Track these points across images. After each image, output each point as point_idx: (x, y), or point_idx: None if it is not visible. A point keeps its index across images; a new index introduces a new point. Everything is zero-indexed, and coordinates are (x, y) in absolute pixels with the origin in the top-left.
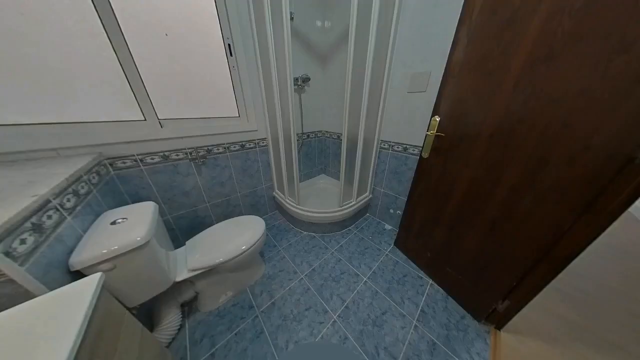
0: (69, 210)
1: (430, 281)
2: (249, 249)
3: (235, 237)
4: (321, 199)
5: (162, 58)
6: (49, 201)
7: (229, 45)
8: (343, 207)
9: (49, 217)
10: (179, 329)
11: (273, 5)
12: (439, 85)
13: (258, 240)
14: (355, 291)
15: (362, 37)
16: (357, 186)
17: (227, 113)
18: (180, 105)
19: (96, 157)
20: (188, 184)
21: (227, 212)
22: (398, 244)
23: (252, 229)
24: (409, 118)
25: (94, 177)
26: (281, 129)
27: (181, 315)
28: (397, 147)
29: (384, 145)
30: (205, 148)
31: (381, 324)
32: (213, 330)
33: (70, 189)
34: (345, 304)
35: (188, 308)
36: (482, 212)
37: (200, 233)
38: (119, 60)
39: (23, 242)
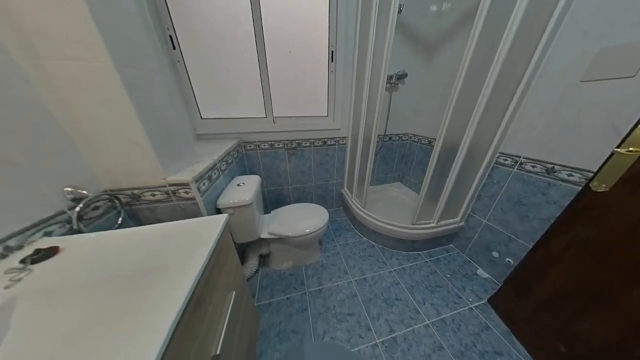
0: (222, 171)
1: None
2: (311, 233)
3: (304, 219)
4: (391, 209)
5: (282, 70)
6: (215, 164)
7: (332, 52)
8: (416, 226)
9: (214, 173)
10: (255, 272)
11: (382, 0)
12: None
13: (320, 228)
14: (411, 329)
15: (502, 2)
16: (442, 206)
17: (318, 113)
18: (285, 105)
19: (238, 141)
20: (280, 168)
21: (302, 196)
22: (496, 304)
23: (318, 217)
24: (571, 122)
25: (235, 153)
26: (362, 128)
27: (258, 263)
28: (533, 166)
29: (505, 159)
30: (297, 141)
31: None
32: (274, 285)
33: (224, 159)
34: (394, 335)
35: (263, 260)
36: None
37: (282, 207)
38: (260, 76)
39: (204, 184)
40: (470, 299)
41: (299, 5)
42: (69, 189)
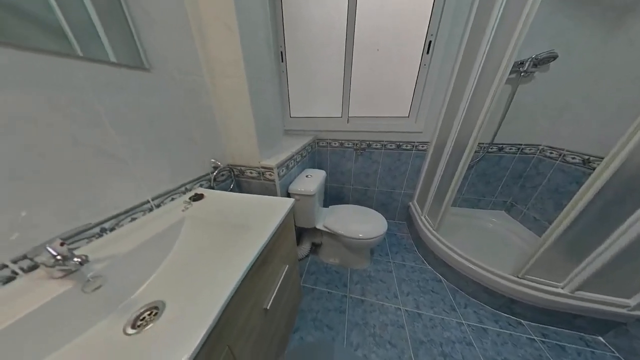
0: (297, 162)
1: None
2: (364, 239)
3: (359, 223)
4: (480, 243)
5: (366, 69)
6: (293, 155)
7: (429, 43)
8: (523, 281)
9: (291, 162)
10: (306, 256)
11: None
12: None
13: (374, 237)
14: None
15: None
16: (592, 269)
17: (397, 113)
18: (363, 105)
19: (313, 137)
20: (346, 167)
21: (362, 199)
22: None
23: (375, 225)
24: None
25: (309, 148)
26: (455, 133)
27: (309, 249)
28: None
29: None
30: (367, 142)
31: None
32: (319, 275)
33: (300, 152)
34: None
35: (314, 248)
36: None
37: (340, 205)
38: (343, 77)
39: (282, 171)
40: None
41: None
42: (213, 160)
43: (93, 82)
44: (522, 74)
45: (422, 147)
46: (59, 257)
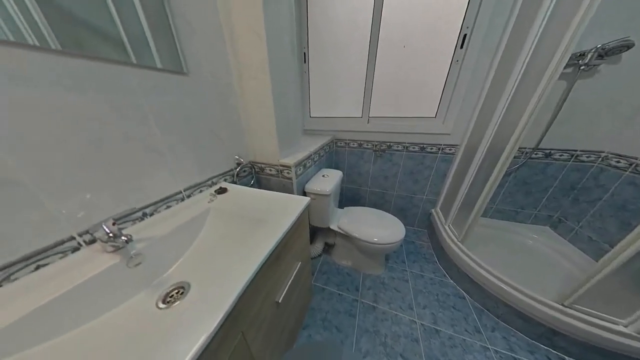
0: (314, 162)
1: None
2: (379, 244)
3: (375, 227)
4: (513, 260)
5: (391, 67)
6: (310, 155)
7: (464, 36)
8: (570, 310)
9: (308, 162)
10: (318, 255)
11: None
12: None
13: (390, 244)
14: None
15: None
16: None
17: (423, 113)
18: (385, 105)
19: (331, 138)
20: (363, 168)
21: (379, 202)
22: None
23: (392, 230)
24: None
25: (327, 148)
26: (491, 135)
27: (322, 249)
28: None
29: None
30: (388, 143)
31: None
32: (330, 275)
33: (318, 152)
34: None
35: (327, 248)
36: None
37: (356, 207)
38: (366, 76)
39: (299, 170)
40: None
41: None
42: (237, 157)
43: (143, 85)
44: (582, 67)
45: (450, 150)
46: (110, 235)
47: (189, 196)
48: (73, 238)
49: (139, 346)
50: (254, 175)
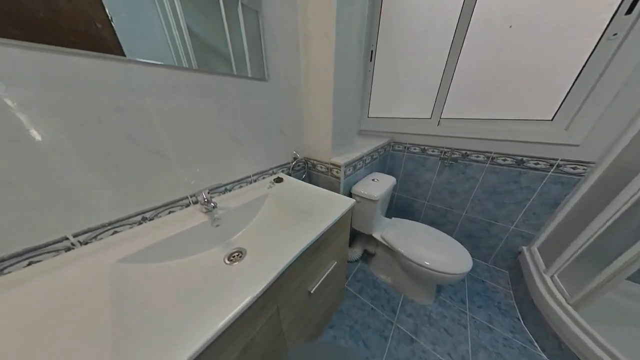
0: (366, 164)
1: None
2: (430, 270)
3: (429, 248)
4: None
5: (486, 54)
6: (362, 156)
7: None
8: None
9: (359, 163)
10: (355, 260)
11: None
12: None
13: (445, 274)
14: None
15: None
16: None
17: (530, 114)
18: (465, 102)
19: (389, 140)
20: (424, 178)
21: (438, 221)
22: None
23: (452, 258)
24: None
25: (382, 151)
26: None
27: (361, 255)
28: None
29: None
30: (463, 151)
31: None
32: (365, 285)
33: (371, 154)
34: None
35: (365, 255)
36: None
37: (407, 220)
38: (444, 69)
39: (349, 170)
40: None
41: None
42: (294, 152)
43: (237, 91)
44: None
45: (574, 168)
46: (206, 200)
47: (255, 180)
48: (186, 197)
49: (208, 287)
50: (307, 170)
